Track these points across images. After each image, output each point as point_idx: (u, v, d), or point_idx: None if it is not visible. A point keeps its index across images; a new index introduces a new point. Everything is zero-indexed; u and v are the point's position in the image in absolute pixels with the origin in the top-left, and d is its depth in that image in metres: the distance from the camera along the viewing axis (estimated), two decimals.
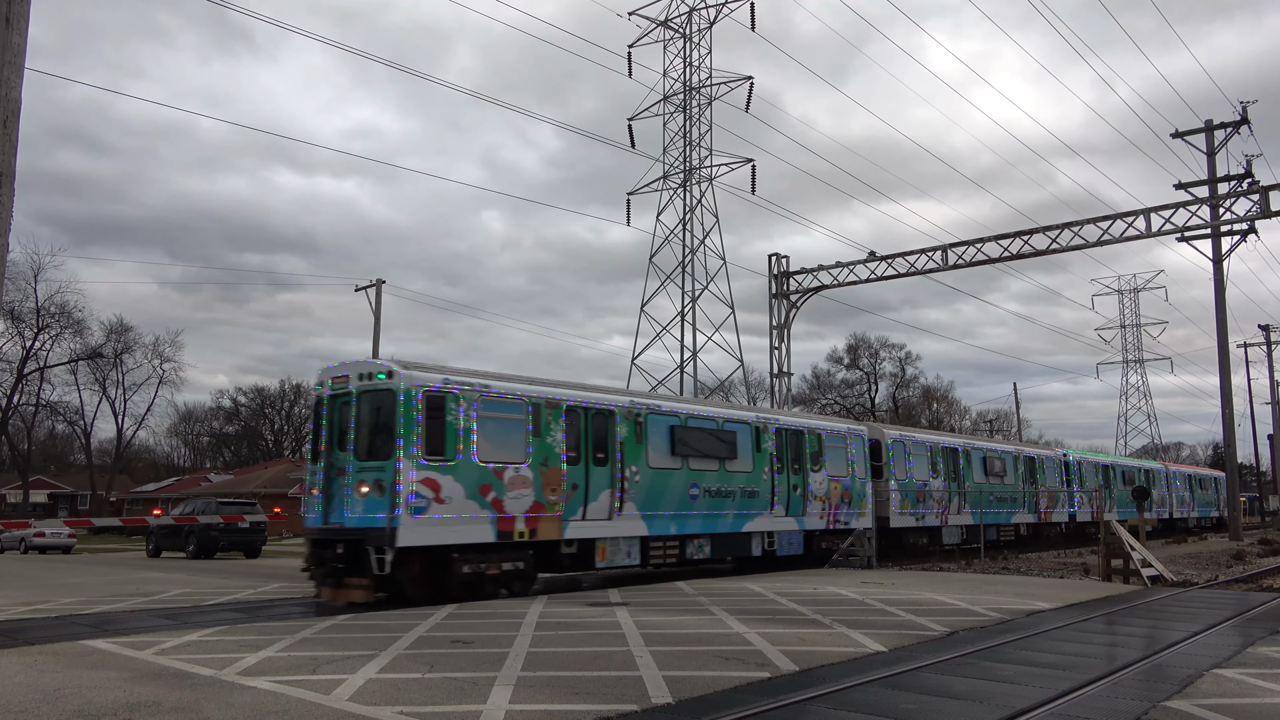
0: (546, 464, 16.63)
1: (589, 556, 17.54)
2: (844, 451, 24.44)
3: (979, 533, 27.79)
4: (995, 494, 31.75)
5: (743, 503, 20.81)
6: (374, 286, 43.49)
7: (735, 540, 20.79)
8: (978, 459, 31.44)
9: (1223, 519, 54.01)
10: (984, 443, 35.21)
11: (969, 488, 30.33)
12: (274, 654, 9.56)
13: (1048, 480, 36.01)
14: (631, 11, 50.25)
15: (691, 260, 48.67)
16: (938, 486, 28.78)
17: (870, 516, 24.77)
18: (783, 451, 22.15)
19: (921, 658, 9.87)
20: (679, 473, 19.21)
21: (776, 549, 21.84)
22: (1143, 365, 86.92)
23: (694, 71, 49.75)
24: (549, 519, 16.52)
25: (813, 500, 22.82)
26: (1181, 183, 36.02)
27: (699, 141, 49.30)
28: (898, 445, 27.30)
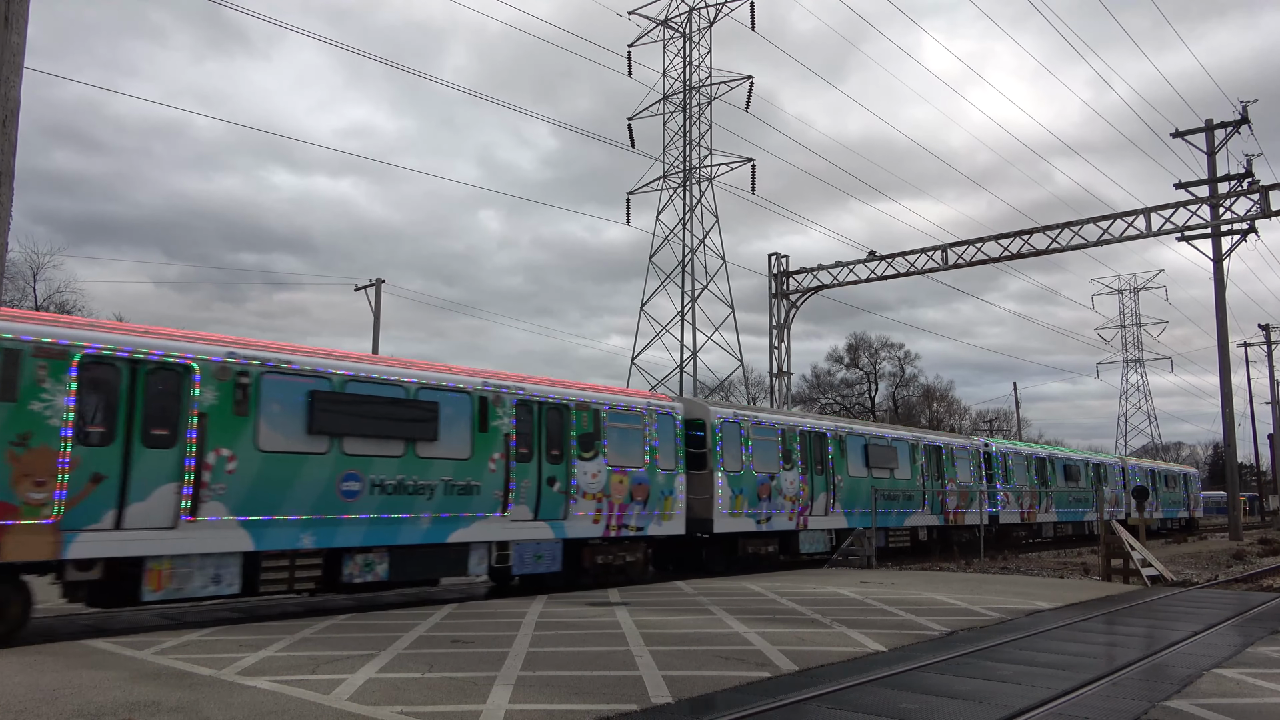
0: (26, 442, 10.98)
1: (133, 584, 11.95)
2: (639, 434, 18.85)
3: (867, 539, 24.17)
4: (883, 491, 26.11)
5: (449, 501, 15.11)
6: (374, 286, 43.50)
7: (435, 555, 15.05)
8: (856, 447, 25.51)
9: (1193, 520, 51.44)
10: (867, 427, 28.70)
11: (841, 482, 24.54)
12: (273, 654, 9.56)
13: (959, 475, 30.24)
14: (631, 11, 50.26)
15: (691, 260, 48.68)
16: (791, 480, 22.76)
17: (680, 519, 19.53)
18: (530, 432, 16.57)
19: (921, 657, 9.87)
20: (321, 459, 13.61)
21: (513, 565, 16.14)
22: (1143, 365, 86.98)
23: (694, 71, 49.77)
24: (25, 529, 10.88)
25: (581, 499, 17.26)
26: (1182, 182, 36.03)
27: (699, 141, 49.31)
28: (730, 428, 21.32)
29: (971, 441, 32.59)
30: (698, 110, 49.32)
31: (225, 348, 13.12)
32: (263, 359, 13.31)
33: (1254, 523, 65.66)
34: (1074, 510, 37.81)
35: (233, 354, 13.04)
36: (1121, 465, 44.40)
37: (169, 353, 12.43)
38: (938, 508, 29.00)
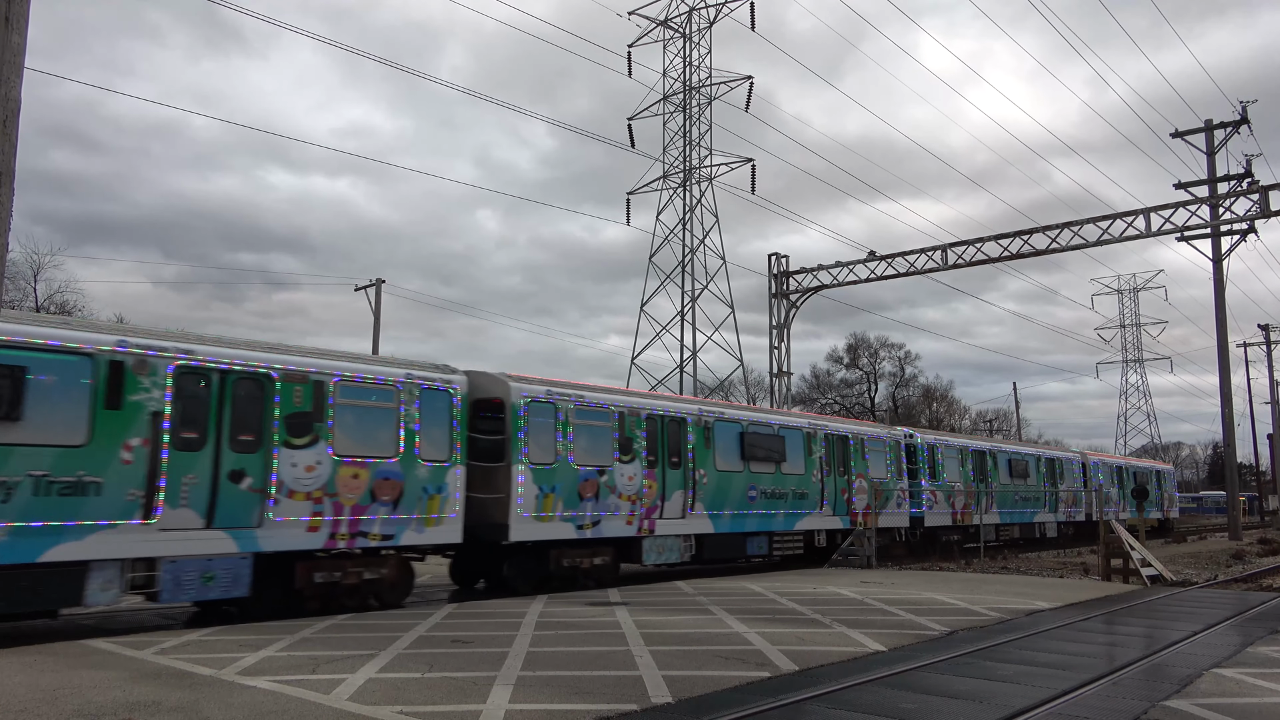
0: None
1: None
2: (390, 415, 14.69)
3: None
4: (766, 488, 21.65)
5: (44, 506, 10.83)
6: (374, 286, 43.50)
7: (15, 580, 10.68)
8: (728, 436, 20.90)
9: (1167, 521, 47.48)
10: (745, 411, 22.95)
11: (706, 478, 20.06)
12: (274, 653, 9.56)
13: (871, 470, 25.77)
14: (631, 11, 50.27)
15: (691, 260, 48.69)
16: (631, 475, 18.33)
17: (454, 524, 15.30)
18: (203, 410, 12.56)
19: (921, 657, 9.87)
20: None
21: (161, 590, 11.89)
22: (1142, 365, 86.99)
23: (694, 71, 49.78)
24: None
25: (282, 498, 13.13)
26: (1181, 182, 36.06)
27: (699, 141, 49.32)
28: (540, 409, 16.90)
29: (890, 431, 27.84)
30: (698, 110, 49.34)
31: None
32: None
33: (1253, 522, 65.65)
34: (1021, 511, 33.80)
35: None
36: (1081, 460, 40.12)
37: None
38: (842, 508, 24.17)
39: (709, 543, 20.25)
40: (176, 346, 12.53)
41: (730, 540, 20.86)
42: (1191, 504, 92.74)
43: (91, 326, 12.39)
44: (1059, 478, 36.98)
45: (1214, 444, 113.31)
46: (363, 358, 15.62)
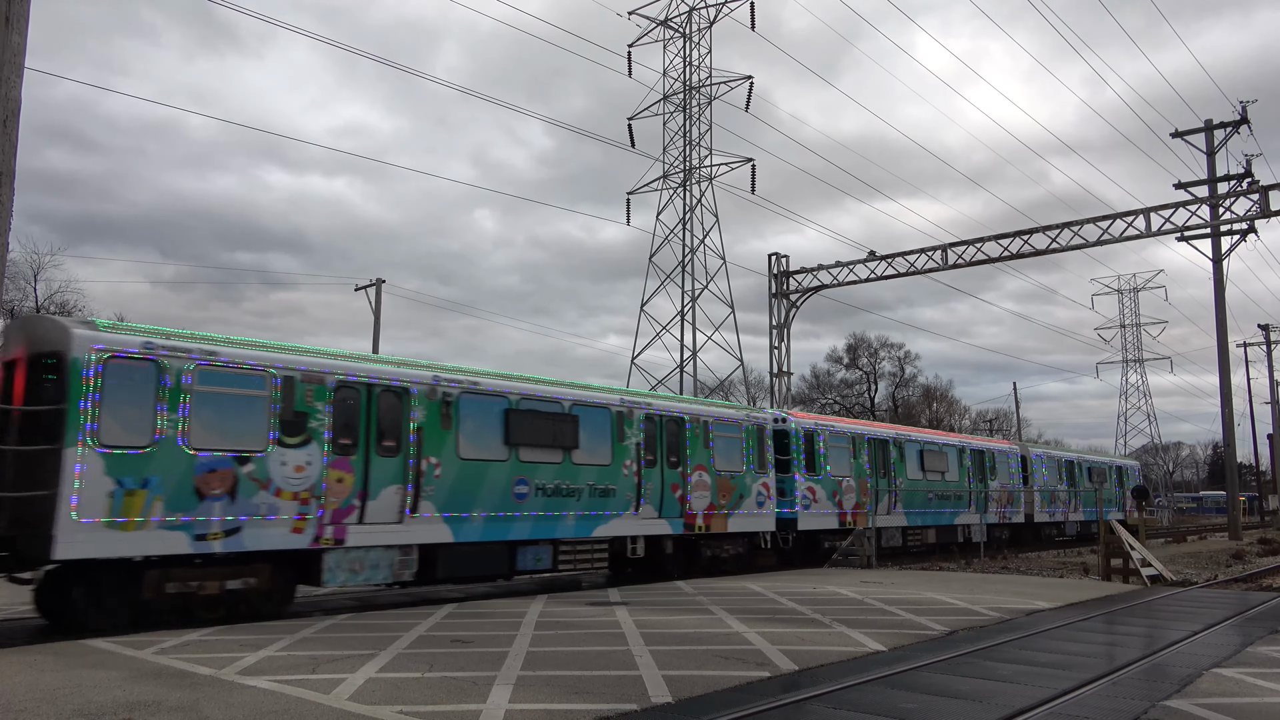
0: None
1: None
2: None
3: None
4: (548, 484, 16.86)
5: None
6: (374, 286, 43.50)
7: None
8: (479, 412, 15.99)
9: (1126, 523, 43.76)
10: (507, 381, 16.85)
11: (444, 473, 15.34)
12: (274, 653, 9.56)
13: (717, 461, 20.63)
14: (631, 11, 50.26)
15: (691, 260, 48.69)
16: (300, 463, 13.51)
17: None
18: None
19: (921, 657, 9.87)
20: None
21: None
22: (1142, 365, 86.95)
23: (694, 71, 49.78)
24: None
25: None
26: (1181, 182, 36.07)
27: (699, 141, 49.32)
28: (127, 368, 12.14)
29: (751, 414, 22.33)
30: (698, 110, 49.34)
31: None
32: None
33: (1253, 522, 65.68)
34: (938, 511, 29.00)
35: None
36: (1021, 453, 35.69)
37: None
38: (672, 508, 19.20)
39: (446, 555, 15.19)
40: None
41: (484, 552, 15.77)
42: (1192, 504, 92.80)
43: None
44: (990, 473, 31.99)
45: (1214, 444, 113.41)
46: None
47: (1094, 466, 41.46)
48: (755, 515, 21.67)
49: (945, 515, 29.58)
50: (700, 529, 19.95)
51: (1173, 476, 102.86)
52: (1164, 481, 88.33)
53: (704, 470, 20.29)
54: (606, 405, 18.27)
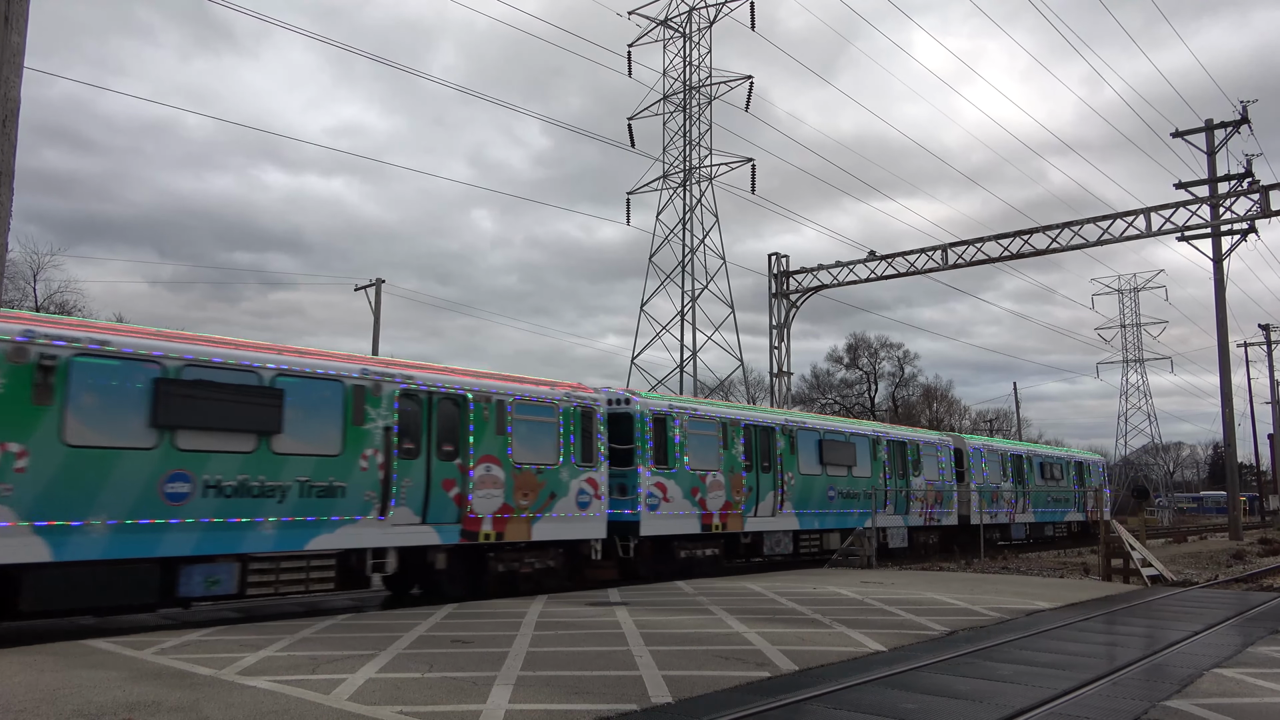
0: None
1: None
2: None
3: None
4: (246, 481, 12.94)
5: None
6: (374, 286, 43.52)
7: None
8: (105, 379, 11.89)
9: (1088, 526, 37.59)
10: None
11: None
12: (274, 653, 9.56)
13: (516, 451, 16.47)
14: (631, 11, 50.27)
15: (691, 260, 48.70)
16: None
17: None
18: None
19: (921, 657, 9.87)
20: None
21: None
22: (1143, 365, 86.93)
23: (693, 71, 49.78)
24: None
25: None
26: (1182, 182, 36.06)
27: (699, 141, 49.33)
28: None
29: (571, 392, 17.84)
30: (697, 110, 49.34)
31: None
32: None
33: (1254, 522, 65.66)
34: (843, 512, 24.48)
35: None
36: (955, 446, 30.94)
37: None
38: (441, 511, 15.17)
39: (36, 580, 11.11)
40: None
41: (113, 574, 11.74)
42: (1192, 504, 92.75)
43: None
44: (913, 468, 27.84)
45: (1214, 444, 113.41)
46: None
47: (1048, 461, 36.83)
48: (574, 519, 17.34)
49: (852, 516, 24.81)
50: (488, 537, 15.85)
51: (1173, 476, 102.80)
52: (1164, 481, 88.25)
53: (495, 463, 16.06)
54: (338, 377, 14.21)
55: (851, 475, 25.15)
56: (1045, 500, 35.67)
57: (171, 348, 12.61)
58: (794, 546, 23.11)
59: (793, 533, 22.97)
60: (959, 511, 30.03)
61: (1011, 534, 33.57)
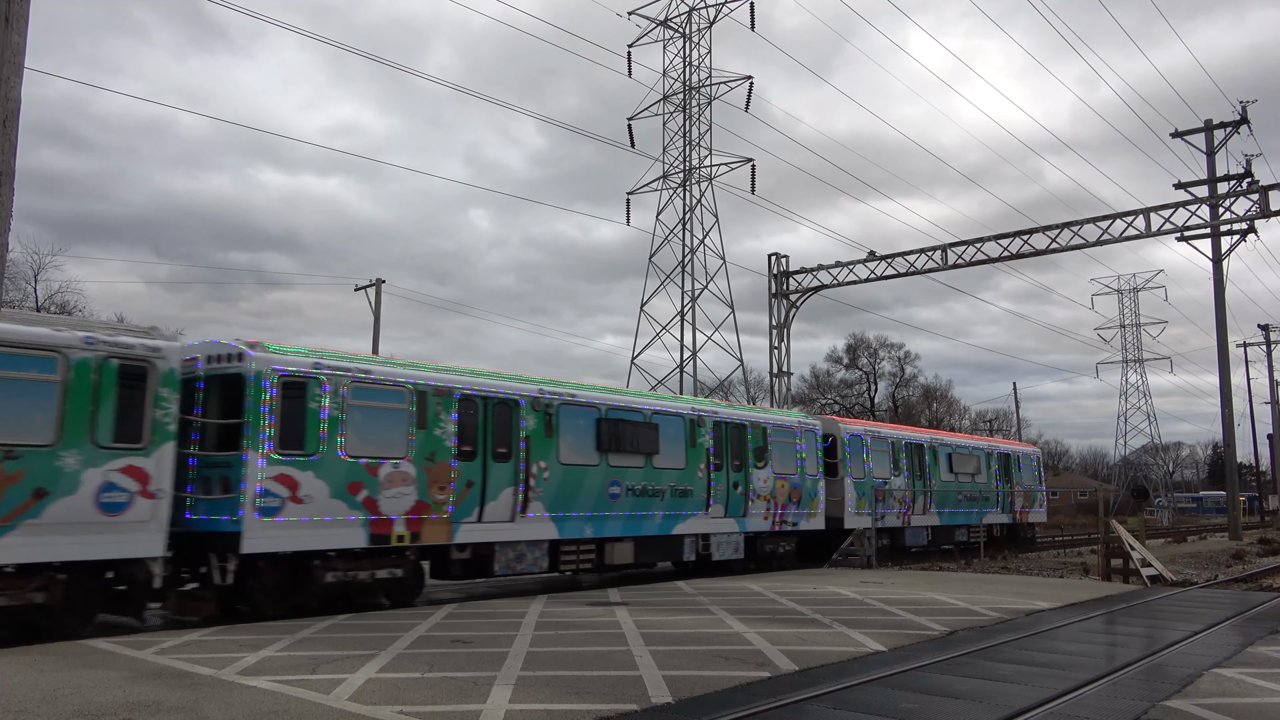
0: None
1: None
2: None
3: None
4: None
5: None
6: (374, 286, 43.54)
7: None
8: None
9: (1021, 528, 33.44)
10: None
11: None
12: (274, 653, 9.56)
13: (71, 442, 11.21)
14: (631, 11, 50.28)
15: (691, 260, 48.70)
16: None
17: None
18: None
19: (921, 657, 9.87)
20: None
21: None
22: (1142, 365, 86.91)
23: (693, 71, 49.79)
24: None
25: None
26: (1181, 182, 36.07)
27: (699, 141, 49.33)
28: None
29: (91, 342, 11.67)
30: (697, 110, 49.34)
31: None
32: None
33: (1253, 522, 65.67)
34: (640, 515, 18.95)
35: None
36: (802, 429, 23.77)
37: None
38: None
39: None
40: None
41: None
42: (1191, 504, 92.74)
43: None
44: (755, 458, 21.78)
45: (1214, 444, 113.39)
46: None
47: (959, 453, 30.00)
48: (91, 530, 11.36)
49: (650, 520, 19.14)
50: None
51: (1172, 476, 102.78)
52: (1164, 481, 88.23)
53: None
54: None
55: (653, 468, 19.21)
56: (955, 499, 29.25)
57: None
58: (551, 561, 17.31)
59: (548, 543, 17.14)
60: (828, 513, 24.01)
61: (906, 539, 27.07)
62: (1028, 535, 33.84)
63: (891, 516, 26.35)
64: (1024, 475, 34.08)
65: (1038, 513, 35.76)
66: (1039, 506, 35.63)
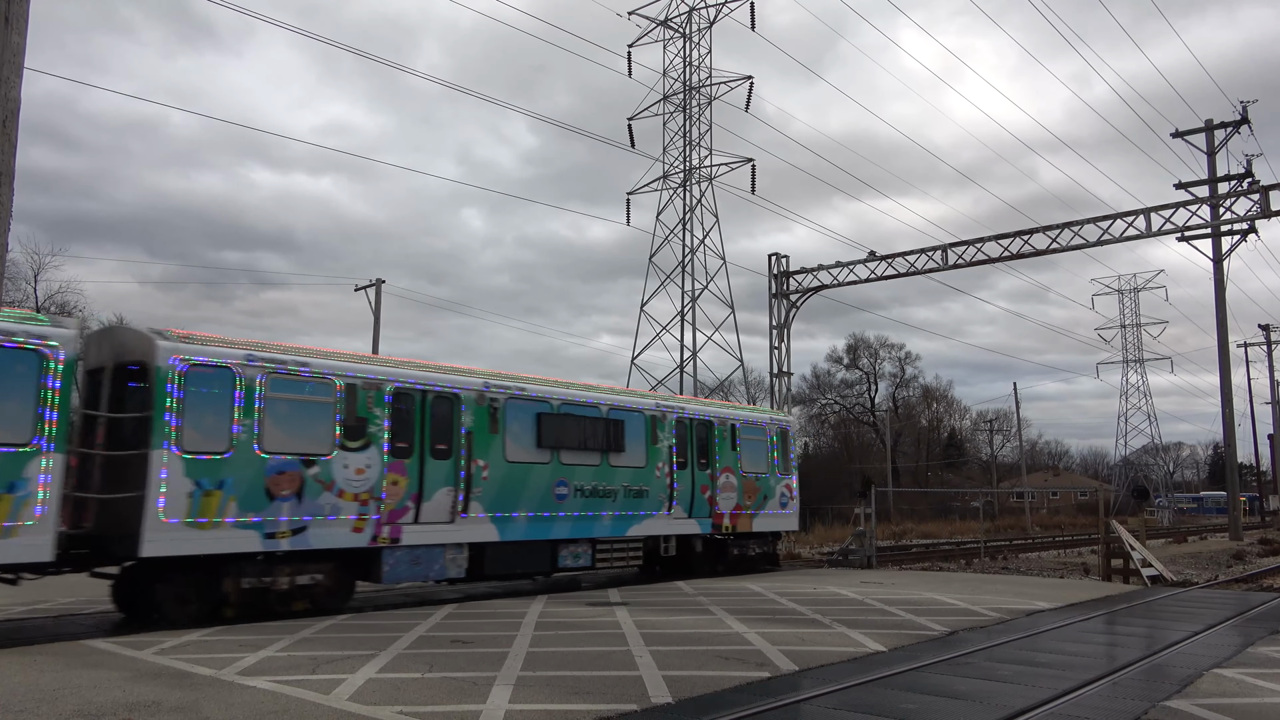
0: None
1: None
2: None
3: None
4: None
5: None
6: (374, 286, 43.55)
7: None
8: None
9: (724, 543, 20.24)
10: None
11: None
12: (273, 654, 9.56)
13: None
14: (631, 11, 50.30)
15: (691, 260, 48.69)
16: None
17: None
18: None
19: (921, 658, 9.87)
20: None
21: None
22: (1143, 365, 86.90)
23: (693, 71, 49.79)
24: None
25: None
26: (1182, 182, 36.05)
27: (699, 141, 49.33)
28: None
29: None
30: (697, 110, 49.35)
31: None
32: None
33: (1254, 523, 65.64)
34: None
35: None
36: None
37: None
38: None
39: None
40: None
41: None
42: (1192, 504, 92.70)
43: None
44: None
45: (1214, 444, 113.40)
46: None
47: (557, 411, 17.51)
48: None
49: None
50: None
51: (1173, 477, 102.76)
52: (1164, 482, 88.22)
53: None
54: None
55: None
56: (545, 493, 17.01)
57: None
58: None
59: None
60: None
61: (383, 573, 14.68)
62: (752, 552, 21.44)
63: (333, 526, 13.92)
64: (749, 458, 21.23)
65: (776, 517, 21.86)
66: (782, 508, 22.03)
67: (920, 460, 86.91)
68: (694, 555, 20.05)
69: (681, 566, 19.90)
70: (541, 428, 17.03)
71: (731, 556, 20.82)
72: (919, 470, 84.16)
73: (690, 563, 20.00)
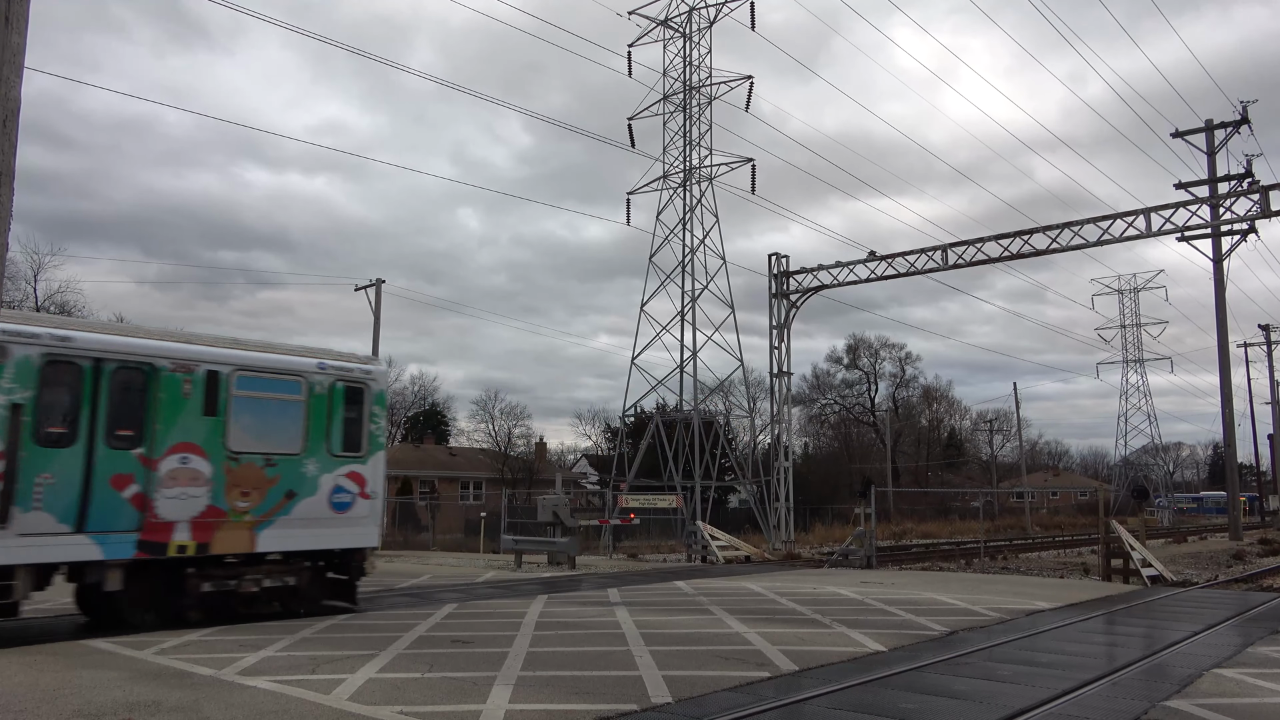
0: None
1: None
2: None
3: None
4: None
5: None
6: (374, 286, 43.55)
7: None
8: None
9: (156, 568, 11.43)
10: None
11: None
12: (273, 654, 9.56)
13: None
14: (631, 11, 50.29)
15: (691, 260, 48.68)
16: None
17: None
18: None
19: (921, 657, 9.87)
20: None
21: None
22: (1143, 365, 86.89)
23: (693, 71, 49.77)
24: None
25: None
26: (1182, 182, 36.05)
27: (699, 141, 49.31)
28: None
29: None
30: (697, 110, 49.34)
31: None
32: None
33: (1254, 523, 65.64)
34: None
35: None
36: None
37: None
38: None
39: None
40: None
41: None
42: (1192, 504, 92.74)
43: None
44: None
45: (1214, 444, 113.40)
46: None
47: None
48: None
49: None
50: None
51: (1173, 477, 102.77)
52: (1164, 482, 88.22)
53: None
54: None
55: None
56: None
57: None
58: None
59: None
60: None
61: None
62: (264, 585, 13.08)
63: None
64: (256, 428, 13.08)
65: (320, 526, 13.58)
66: (337, 510, 13.78)
67: (920, 460, 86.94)
68: (103, 596, 11.80)
69: (98, 609, 12.40)
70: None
71: (200, 594, 12.37)
72: (919, 470, 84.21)
73: (96, 607, 12.41)
